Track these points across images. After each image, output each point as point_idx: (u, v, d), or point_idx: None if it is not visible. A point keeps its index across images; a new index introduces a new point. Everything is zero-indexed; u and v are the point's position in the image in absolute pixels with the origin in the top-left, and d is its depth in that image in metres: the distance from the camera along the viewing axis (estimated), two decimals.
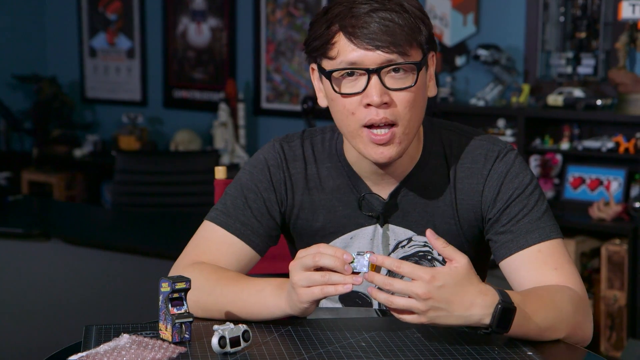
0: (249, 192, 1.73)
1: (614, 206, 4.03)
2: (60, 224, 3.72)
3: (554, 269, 1.61)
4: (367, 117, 1.57)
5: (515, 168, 1.68)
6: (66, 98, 6.17)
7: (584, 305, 1.60)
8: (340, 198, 1.72)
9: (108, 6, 6.19)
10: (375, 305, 1.75)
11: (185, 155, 4.78)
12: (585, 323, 1.59)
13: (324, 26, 1.58)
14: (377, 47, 1.54)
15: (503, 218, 1.66)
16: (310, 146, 1.75)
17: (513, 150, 1.71)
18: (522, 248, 1.63)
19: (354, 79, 1.58)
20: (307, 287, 1.47)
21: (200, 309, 1.61)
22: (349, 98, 1.58)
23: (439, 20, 4.76)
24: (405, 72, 1.57)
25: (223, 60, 5.70)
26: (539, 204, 1.67)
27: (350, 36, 1.55)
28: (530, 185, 1.67)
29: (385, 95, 1.56)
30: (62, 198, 5.85)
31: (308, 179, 1.74)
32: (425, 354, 1.43)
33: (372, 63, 1.55)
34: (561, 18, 4.40)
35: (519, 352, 1.45)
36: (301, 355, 1.43)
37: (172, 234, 3.55)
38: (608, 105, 4.18)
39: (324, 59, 1.60)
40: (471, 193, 1.69)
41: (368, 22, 1.54)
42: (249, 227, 1.71)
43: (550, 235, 1.64)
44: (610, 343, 3.93)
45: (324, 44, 1.58)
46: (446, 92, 4.66)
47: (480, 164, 1.69)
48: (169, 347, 1.42)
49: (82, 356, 1.38)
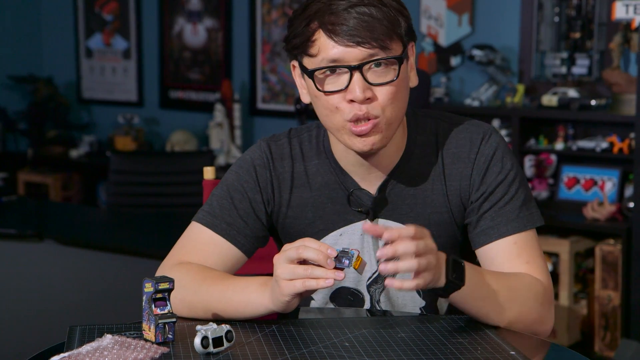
0: (235, 192, 1.74)
1: (608, 206, 4.03)
2: (54, 224, 3.72)
3: (526, 262, 1.65)
4: (351, 113, 1.58)
5: (500, 151, 1.69)
6: (62, 99, 6.17)
7: (549, 298, 1.65)
8: (329, 195, 1.72)
9: (104, 7, 6.18)
10: (367, 305, 1.75)
11: (179, 156, 4.79)
12: (547, 316, 1.65)
13: (303, 23, 1.58)
14: (357, 43, 1.55)
15: (486, 204, 1.68)
16: (298, 144, 1.76)
17: (496, 131, 1.72)
18: (500, 237, 1.66)
19: (336, 76, 1.58)
20: (289, 280, 1.48)
21: (186, 308, 1.61)
22: (332, 95, 1.59)
23: (434, 21, 4.76)
24: (386, 66, 1.58)
25: (219, 60, 5.70)
26: (520, 191, 1.69)
27: (330, 33, 1.56)
28: (513, 171, 1.69)
29: (368, 91, 1.57)
30: (58, 199, 5.85)
31: (295, 177, 1.74)
32: (408, 354, 1.43)
33: (353, 59, 1.56)
34: (556, 18, 4.40)
35: (502, 351, 1.45)
36: (284, 356, 1.43)
37: (167, 234, 3.55)
38: (602, 106, 4.18)
39: (305, 57, 1.61)
40: (460, 178, 1.70)
41: (347, 18, 1.55)
42: (234, 228, 1.71)
43: (527, 226, 1.67)
44: (605, 343, 3.93)
45: (304, 42, 1.59)
46: (441, 92, 4.66)
47: (467, 148, 1.70)
48: (152, 348, 1.43)
49: (64, 356, 1.38)
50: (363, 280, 1.73)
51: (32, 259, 3.32)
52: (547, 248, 4.09)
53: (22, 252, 3.32)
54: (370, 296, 1.74)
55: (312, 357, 1.42)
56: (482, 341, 1.50)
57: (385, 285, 1.49)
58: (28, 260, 3.33)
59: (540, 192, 4.30)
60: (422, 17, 4.77)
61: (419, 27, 4.78)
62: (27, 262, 3.33)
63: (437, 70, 4.80)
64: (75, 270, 3.30)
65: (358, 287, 1.74)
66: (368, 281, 1.73)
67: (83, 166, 5.98)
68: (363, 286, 1.74)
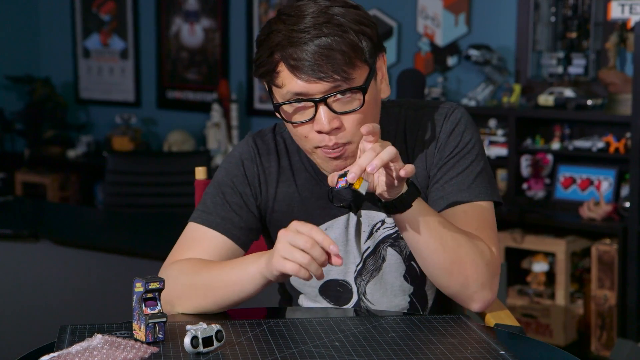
0: (226, 187, 1.76)
1: (605, 206, 4.03)
2: (50, 225, 3.72)
3: (475, 229, 1.65)
4: (321, 142, 1.60)
5: (461, 126, 1.71)
6: (60, 99, 6.17)
7: (496, 267, 1.65)
8: (312, 190, 1.75)
9: (101, 7, 6.18)
10: (355, 296, 1.76)
11: (176, 156, 4.78)
12: (491, 285, 1.64)
13: (267, 53, 1.59)
14: (319, 79, 1.55)
15: (438, 174, 1.69)
16: (282, 140, 1.78)
17: (459, 107, 1.74)
18: (449, 206, 1.67)
19: (302, 107, 1.59)
20: (285, 259, 1.48)
21: (187, 289, 1.63)
22: (300, 126, 1.61)
23: (430, 21, 4.76)
24: (352, 94, 1.58)
25: (216, 60, 5.71)
26: (475, 164, 1.70)
27: (292, 69, 1.56)
28: (469, 144, 1.70)
29: (334, 121, 1.58)
30: (56, 199, 5.85)
31: (281, 172, 1.76)
32: (398, 354, 1.43)
33: (317, 92, 1.56)
34: (552, 18, 4.40)
35: (492, 351, 1.45)
36: (274, 355, 1.43)
37: (163, 234, 3.55)
38: (599, 105, 4.18)
39: (272, 85, 1.61)
40: (425, 157, 1.72)
41: (308, 52, 1.54)
42: (229, 221, 1.73)
43: (480, 197, 1.68)
44: (601, 342, 3.93)
45: (269, 72, 1.59)
46: (438, 92, 4.66)
47: (431, 128, 1.72)
48: (141, 347, 1.43)
49: (54, 356, 1.38)
50: (350, 272, 1.76)
51: (28, 259, 3.32)
52: (544, 248, 4.10)
53: (17, 253, 3.32)
54: (357, 287, 1.76)
55: (302, 357, 1.42)
56: (472, 341, 1.50)
57: (370, 170, 1.48)
58: (24, 260, 3.33)
59: (536, 191, 4.30)
60: (419, 17, 4.77)
61: (416, 27, 4.78)
62: (22, 263, 3.33)
63: (433, 70, 4.80)
64: (71, 270, 3.30)
65: (346, 278, 1.76)
66: (355, 273, 1.76)
67: (80, 166, 5.98)
68: (351, 277, 1.76)
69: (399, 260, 1.74)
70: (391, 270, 1.75)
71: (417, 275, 1.76)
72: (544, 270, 4.14)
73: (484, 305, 1.66)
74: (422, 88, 3.63)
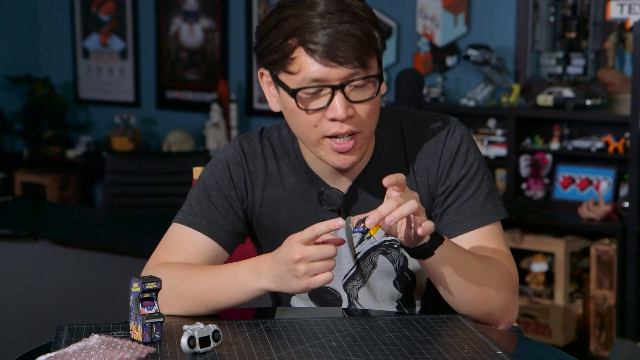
0: (212, 190, 1.75)
1: (604, 206, 4.03)
2: (49, 225, 3.72)
3: (492, 252, 1.68)
4: (332, 130, 1.59)
5: (465, 144, 1.71)
6: (59, 99, 6.17)
7: (515, 287, 1.68)
8: (301, 194, 1.73)
9: (101, 7, 6.19)
10: (345, 303, 1.76)
11: (175, 156, 4.78)
12: (513, 305, 1.67)
13: (281, 39, 1.56)
14: (340, 63, 1.54)
15: (450, 198, 1.70)
16: (269, 143, 1.77)
17: (460, 125, 1.74)
18: (465, 231, 1.69)
19: (316, 93, 1.58)
20: (310, 276, 1.49)
21: (175, 296, 1.62)
22: (313, 114, 1.59)
23: (429, 21, 4.76)
24: (366, 83, 1.58)
25: (215, 61, 5.71)
26: (483, 185, 1.71)
27: (313, 53, 1.54)
28: (475, 164, 1.71)
29: (349, 109, 1.58)
30: (55, 199, 5.85)
31: (268, 175, 1.75)
32: (395, 354, 1.43)
33: (335, 79, 1.56)
34: (551, 18, 4.40)
35: (489, 351, 1.45)
36: (271, 355, 1.43)
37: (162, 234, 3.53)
38: (598, 105, 4.19)
39: (282, 72, 1.59)
40: (427, 173, 1.71)
41: (329, 37, 1.53)
42: (214, 224, 1.72)
43: (491, 219, 1.70)
44: (600, 342, 3.93)
45: (282, 58, 1.57)
46: (437, 92, 4.66)
47: (433, 143, 1.71)
48: (138, 347, 1.43)
49: (51, 356, 1.38)
50: (339, 279, 1.74)
51: (27, 259, 3.32)
52: (543, 248, 4.10)
53: (16, 253, 3.32)
54: (348, 294, 1.75)
55: (299, 357, 1.42)
56: (469, 340, 1.50)
57: (388, 222, 1.48)
58: (23, 260, 3.33)
59: (535, 191, 4.30)
60: (418, 16, 4.77)
61: (415, 27, 4.78)
62: (21, 263, 3.33)
63: (432, 70, 4.80)
64: (70, 270, 3.30)
65: (334, 286, 1.75)
66: (344, 279, 1.75)
67: (80, 166, 5.98)
68: (339, 285, 1.75)
69: (390, 267, 1.73)
70: (381, 276, 1.74)
71: (407, 283, 1.75)
72: (543, 270, 4.14)
73: (509, 325, 1.69)
74: (421, 88, 3.65)
